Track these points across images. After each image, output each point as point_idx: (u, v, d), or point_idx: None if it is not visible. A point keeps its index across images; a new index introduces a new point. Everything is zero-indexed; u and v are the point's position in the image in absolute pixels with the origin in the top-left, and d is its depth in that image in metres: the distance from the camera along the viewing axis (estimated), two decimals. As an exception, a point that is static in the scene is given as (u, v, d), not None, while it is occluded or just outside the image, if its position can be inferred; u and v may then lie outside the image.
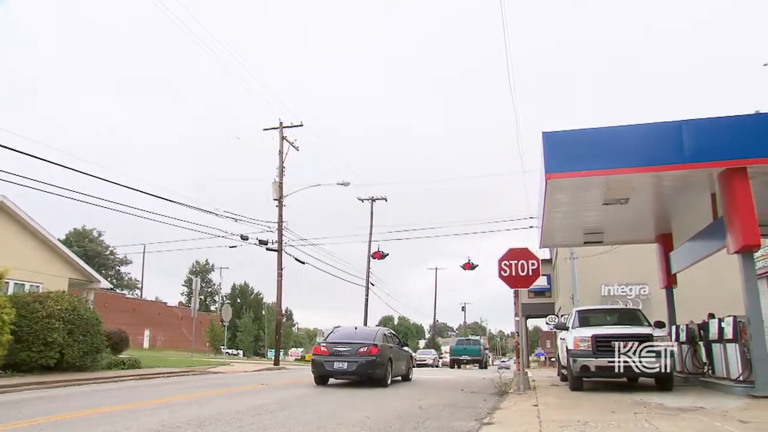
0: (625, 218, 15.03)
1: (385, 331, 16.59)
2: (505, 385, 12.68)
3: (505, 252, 12.71)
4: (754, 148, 10.59)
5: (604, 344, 11.58)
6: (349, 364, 14.53)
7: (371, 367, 14.52)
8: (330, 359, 14.80)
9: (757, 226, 10.50)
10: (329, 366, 14.77)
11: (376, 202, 39.35)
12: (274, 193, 29.34)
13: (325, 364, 14.85)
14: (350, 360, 14.56)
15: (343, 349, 14.84)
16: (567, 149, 11.33)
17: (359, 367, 14.44)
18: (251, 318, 70.96)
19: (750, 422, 7.12)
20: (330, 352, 14.92)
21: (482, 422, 7.94)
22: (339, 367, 14.64)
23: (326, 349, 15.10)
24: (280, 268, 29.14)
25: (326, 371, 14.93)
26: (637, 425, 7.12)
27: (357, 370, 14.52)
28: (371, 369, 14.54)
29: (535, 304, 44.24)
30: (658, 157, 11.00)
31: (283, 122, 29.86)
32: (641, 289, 33.77)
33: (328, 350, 15.02)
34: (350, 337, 15.68)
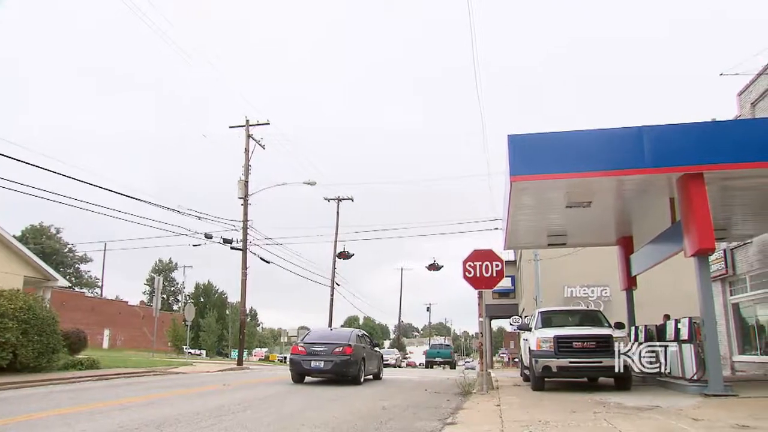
0: (588, 221, 15.31)
1: (358, 333, 17.54)
2: (469, 385, 12.77)
3: (470, 253, 12.81)
4: (710, 155, 10.90)
5: (565, 345, 11.78)
6: (325, 363, 15.34)
7: (346, 366, 15.36)
8: (307, 358, 15.60)
9: (712, 231, 10.82)
10: (306, 365, 15.60)
11: (342, 202, 39.26)
12: (240, 192, 29.00)
13: (302, 363, 15.65)
14: (326, 359, 15.37)
15: (320, 349, 15.65)
16: (532, 152, 11.49)
17: (335, 366, 15.26)
18: (215, 317, 70.07)
19: (701, 420, 7.33)
20: (307, 352, 15.72)
21: (445, 422, 7.99)
22: (316, 366, 15.46)
23: (304, 349, 15.87)
24: (245, 267, 28.82)
25: (304, 369, 15.71)
26: (596, 424, 7.26)
27: (333, 369, 15.32)
28: (346, 368, 15.38)
29: (500, 305, 44.73)
30: (619, 161, 11.24)
31: (249, 120, 29.56)
32: (603, 290, 34.44)
33: (305, 350, 15.80)
34: (326, 337, 16.57)
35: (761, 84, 17.14)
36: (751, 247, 18.36)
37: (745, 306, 19.73)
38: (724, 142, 11.19)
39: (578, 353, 11.74)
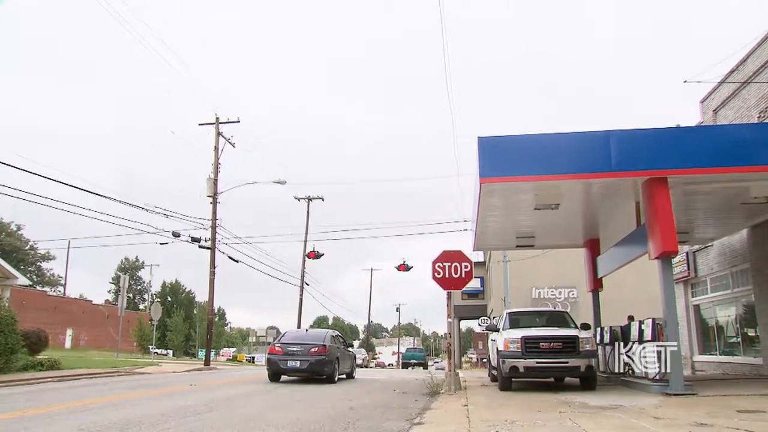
0: (556, 223, 15.52)
1: (332, 333, 18.29)
2: (437, 385, 12.81)
3: (439, 254, 12.87)
4: (673, 160, 11.15)
5: (532, 346, 11.91)
6: (301, 362, 15.98)
7: (321, 365, 16.02)
8: (284, 358, 16.22)
9: (675, 234, 11.07)
10: (283, 364, 16.22)
11: (312, 201, 39.06)
12: (208, 190, 28.63)
13: (279, 362, 16.26)
14: (302, 359, 16.01)
15: (296, 349, 16.28)
16: (501, 154, 11.60)
17: (310, 365, 15.94)
18: (182, 317, 69.07)
19: (662, 418, 7.48)
20: (284, 352, 16.34)
21: (413, 422, 7.99)
22: (292, 365, 16.11)
23: (280, 349, 16.49)
24: (213, 266, 28.47)
25: (280, 369, 16.34)
26: (561, 424, 7.35)
27: (308, 368, 15.98)
28: (321, 367, 16.04)
29: (469, 306, 45.07)
30: (586, 165, 11.42)
31: (219, 118, 29.22)
32: (570, 292, 34.95)
33: (282, 350, 16.43)
34: (302, 338, 17.20)
35: (723, 92, 17.59)
36: (712, 250, 18.84)
37: (706, 307, 20.24)
38: (687, 147, 11.46)
39: (545, 354, 11.88)
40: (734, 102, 17.12)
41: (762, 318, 15.81)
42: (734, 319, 18.56)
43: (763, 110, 15.40)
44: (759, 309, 16.00)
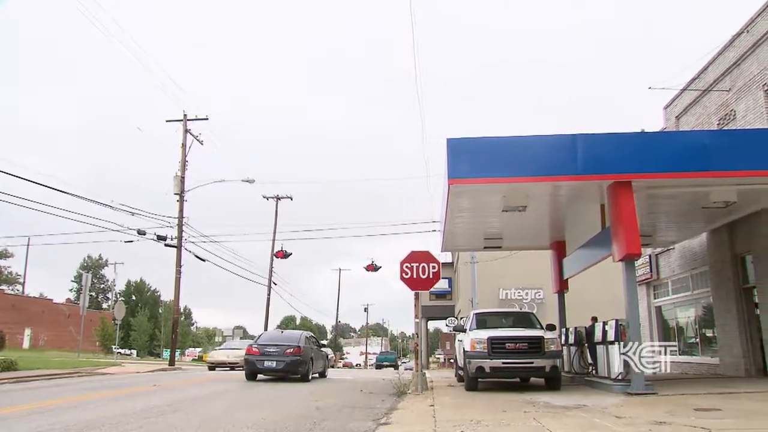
0: (523, 225, 15.68)
1: (307, 335, 19.25)
2: (404, 385, 12.84)
3: (407, 255, 12.89)
4: (638, 164, 11.37)
5: (498, 346, 12.02)
6: (277, 362, 16.79)
7: (296, 365, 16.87)
8: (261, 358, 17.00)
9: (638, 237, 11.27)
10: (260, 364, 17.02)
11: (281, 200, 38.79)
12: (175, 188, 28.21)
13: (256, 362, 17.05)
14: (278, 359, 16.81)
15: (272, 350, 17.11)
16: (470, 156, 11.66)
17: (286, 365, 16.75)
18: (146, 316, 67.96)
19: (624, 417, 7.62)
20: (261, 353, 17.11)
21: (379, 423, 7.99)
22: (269, 365, 16.91)
23: (257, 349, 17.27)
24: (179, 265, 28.06)
25: (257, 369, 17.12)
26: (526, 423, 7.43)
27: (284, 368, 16.78)
28: (296, 367, 16.88)
29: (437, 307, 45.26)
30: (553, 167, 11.56)
31: (187, 115, 28.82)
32: (536, 293, 35.40)
33: (259, 351, 17.19)
34: (278, 339, 18.09)
35: (685, 99, 18.03)
36: (674, 253, 19.28)
37: (667, 309, 20.72)
38: (651, 152, 11.70)
39: (511, 354, 11.99)
40: (695, 109, 17.57)
41: (719, 319, 16.25)
42: (693, 320, 19.03)
43: (723, 117, 15.83)
44: (716, 310, 16.44)
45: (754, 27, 14.54)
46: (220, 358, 27.84)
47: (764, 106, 14.06)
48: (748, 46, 14.69)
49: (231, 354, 27.27)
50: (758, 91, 14.27)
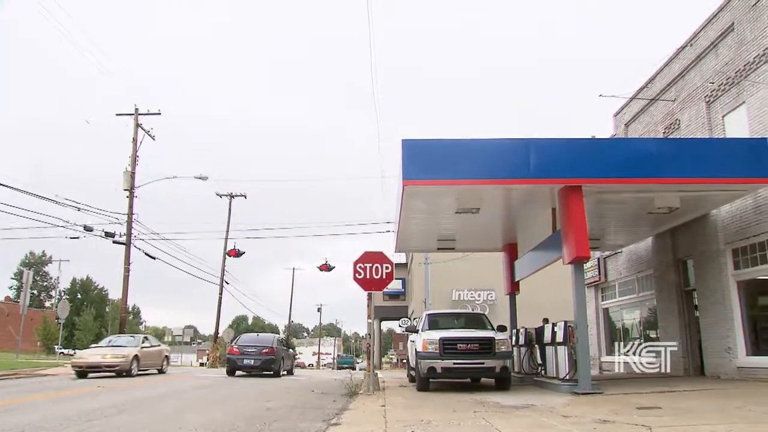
0: (476, 227, 15.87)
1: (278, 337, 23.80)
2: (356, 386, 12.82)
3: (361, 255, 12.87)
4: (587, 169, 11.66)
5: (450, 347, 12.12)
6: (254, 360, 20.27)
7: (270, 362, 20.35)
8: (240, 357, 20.59)
9: (587, 240, 11.56)
10: (240, 362, 20.59)
11: (235, 198, 38.18)
12: (125, 183, 27.42)
13: (237, 360, 20.66)
14: (255, 358, 20.32)
15: (250, 350, 20.67)
16: (424, 158, 11.73)
17: (262, 363, 20.22)
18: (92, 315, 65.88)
19: (570, 416, 7.80)
20: (240, 352, 20.73)
21: (330, 423, 7.96)
22: (247, 363, 20.43)
23: (238, 350, 20.91)
24: (128, 262, 27.29)
25: (238, 366, 20.72)
26: (475, 423, 7.52)
27: (260, 365, 20.22)
28: (270, 364, 20.35)
29: (390, 307, 45.44)
30: (506, 171, 11.74)
31: (138, 109, 28.06)
32: (489, 294, 35.90)
33: (239, 351, 20.81)
34: (255, 341, 21.79)
35: (634, 107, 18.60)
36: (621, 256, 19.85)
37: (614, 310, 21.32)
38: (600, 158, 12.04)
39: (462, 355, 12.10)
40: (643, 117, 18.14)
41: (662, 321, 16.81)
42: (639, 321, 19.63)
43: (668, 126, 16.40)
44: (660, 312, 17.01)
45: (697, 41, 15.11)
46: (92, 360, 18.49)
47: (706, 117, 14.63)
48: (692, 59, 15.27)
49: (110, 354, 18.56)
50: (700, 102, 14.84)
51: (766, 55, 12.58)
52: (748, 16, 13.21)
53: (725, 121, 14.11)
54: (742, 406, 8.26)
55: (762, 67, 12.70)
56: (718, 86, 14.18)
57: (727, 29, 13.93)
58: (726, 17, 13.99)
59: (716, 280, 13.98)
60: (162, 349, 22.21)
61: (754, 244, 12.94)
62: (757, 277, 13.04)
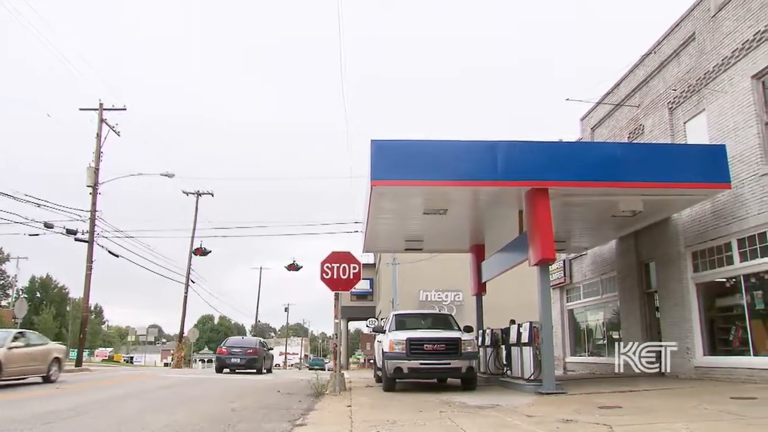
0: (444, 228, 15.95)
1: (260, 340, 28.20)
2: (322, 386, 12.76)
3: (328, 255, 12.82)
4: (554, 172, 11.82)
5: (417, 347, 12.16)
6: (240, 359, 24.40)
7: (254, 361, 24.58)
8: (228, 357, 24.62)
9: (553, 242, 11.72)
10: (228, 361, 24.54)
11: (202, 196, 37.69)
12: (89, 180, 26.83)
13: (225, 359, 24.68)
14: (241, 357, 24.43)
15: (237, 351, 24.88)
16: (393, 158, 11.75)
17: (247, 361, 24.37)
18: (52, 314, 64.23)
19: (534, 416, 7.90)
20: (228, 352, 24.82)
21: (295, 423, 7.91)
22: (234, 362, 24.42)
23: (226, 350, 25.02)
24: (90, 260, 26.71)
25: (225, 364, 24.57)
26: (441, 423, 7.56)
27: (245, 364, 24.35)
28: (253, 363, 24.55)
29: (358, 307, 45.39)
30: (474, 173, 11.82)
31: (103, 104, 27.50)
32: (456, 295, 36.09)
33: (227, 351, 24.90)
34: (240, 343, 26.57)
35: (599, 112, 18.94)
36: (586, 258, 20.20)
37: (579, 312, 21.68)
38: (567, 161, 12.22)
39: (429, 355, 12.15)
40: (609, 122, 18.49)
41: (624, 322, 17.16)
42: (602, 322, 20.01)
43: (632, 131, 16.75)
44: (622, 314, 17.35)
45: (660, 49, 15.48)
46: None
47: (668, 123, 14.99)
48: (655, 66, 15.63)
49: None
50: (663, 108, 15.20)
51: (724, 64, 12.96)
52: (708, 26, 13.58)
53: (687, 127, 14.48)
54: (697, 405, 8.49)
55: (721, 77, 13.07)
56: (680, 93, 14.54)
57: (689, 38, 14.30)
58: (688, 26, 14.36)
59: (676, 283, 14.32)
60: (49, 349, 16.47)
61: (712, 247, 13.31)
62: (715, 280, 13.41)
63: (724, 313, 13.50)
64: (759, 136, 11.98)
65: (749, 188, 12.06)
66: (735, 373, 12.18)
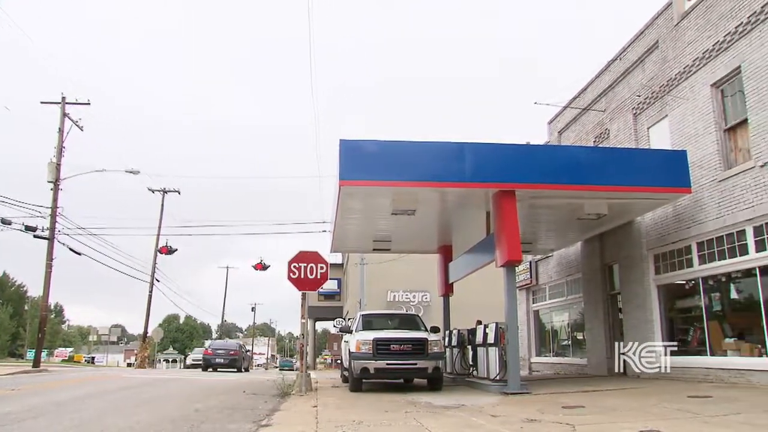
0: (412, 229, 15.99)
1: (240, 343, 34.60)
2: (288, 386, 12.65)
3: (296, 254, 12.73)
4: (521, 174, 11.96)
5: (383, 347, 12.16)
6: (224, 359, 29.50)
7: (236, 361, 29.95)
8: (213, 357, 29.55)
9: (519, 244, 11.85)
10: (213, 360, 29.39)
11: (168, 194, 37.05)
12: (50, 175, 26.11)
13: (210, 359, 29.45)
14: (224, 357, 29.58)
15: (221, 352, 30.03)
16: (362, 158, 11.73)
17: (230, 361, 29.61)
18: (9, 314, 62.33)
19: (499, 416, 7.98)
20: (213, 354, 29.77)
21: (260, 424, 7.82)
22: (218, 361, 29.38)
23: (212, 352, 30.06)
24: (50, 258, 25.99)
25: (211, 363, 29.27)
26: (406, 423, 7.58)
27: (228, 363, 29.51)
28: (235, 362, 29.91)
29: (325, 307, 45.24)
30: (442, 174, 11.88)
31: (66, 98, 26.79)
32: (423, 296, 36.20)
33: (212, 352, 29.94)
34: (223, 346, 31.71)
35: (567, 116, 19.24)
36: (552, 260, 20.48)
37: (544, 313, 21.97)
38: (534, 164, 12.36)
39: (395, 355, 12.16)
40: (575, 126, 18.80)
41: (588, 323, 17.45)
42: (567, 323, 20.31)
43: (598, 135, 17.06)
44: (587, 315, 17.65)
45: (626, 55, 15.80)
46: None
47: (633, 128, 15.31)
48: (621, 72, 15.95)
49: None
50: (628, 113, 15.52)
51: (686, 72, 13.30)
52: (671, 35, 13.92)
53: (650, 132, 14.81)
54: (657, 404, 8.68)
55: (682, 84, 13.41)
56: (644, 99, 14.86)
57: (653, 46, 14.63)
58: (652, 35, 14.69)
59: (639, 284, 14.63)
60: None
61: (673, 250, 13.63)
62: (675, 282, 13.74)
63: (683, 315, 13.85)
64: (717, 143, 12.33)
65: (708, 193, 12.40)
66: (693, 372, 12.51)
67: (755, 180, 11.18)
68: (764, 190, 10.94)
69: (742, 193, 11.51)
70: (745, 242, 11.49)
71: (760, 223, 11.11)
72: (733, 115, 12.23)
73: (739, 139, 12.04)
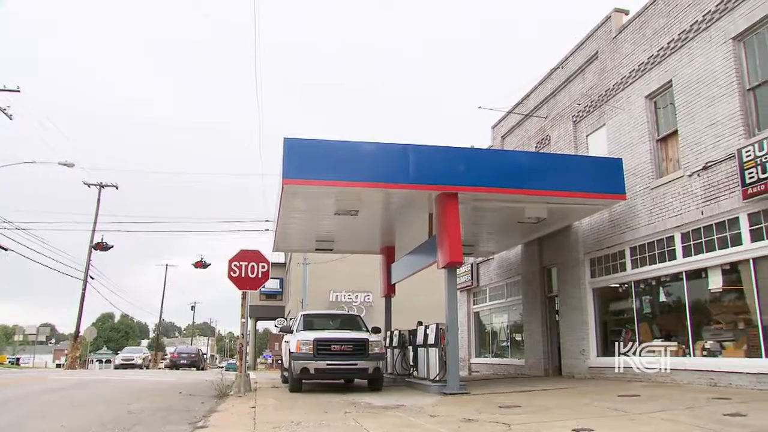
0: (355, 229, 15.97)
1: (199, 348, 47.95)
2: (226, 387, 12.44)
3: (236, 253, 12.51)
4: (463, 177, 12.10)
5: (324, 348, 12.10)
6: (187, 360, 37.85)
7: (197, 361, 38.26)
8: (178, 359, 37.62)
9: (461, 246, 12.00)
10: (178, 361, 37.31)
11: (105, 188, 35.75)
12: (-26, 166, 24.82)
13: (176, 361, 37.33)
14: (187, 359, 37.98)
15: (184, 355, 38.56)
16: (306, 157, 11.62)
17: (192, 362, 37.89)
18: (-72, 312, 58.80)
19: (437, 416, 8.06)
20: (178, 356, 37.88)
21: (196, 426, 7.65)
22: (183, 362, 37.42)
23: (177, 355, 38.28)
24: (-26, 253, 24.72)
25: (176, 364, 36.79)
26: (345, 423, 7.56)
27: (191, 364, 37.62)
28: (197, 363, 37.87)
29: (267, 307, 44.64)
30: (386, 175, 11.90)
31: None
32: (366, 296, 36.24)
33: (177, 355, 38.15)
34: (186, 350, 41.14)
35: (510, 121, 19.64)
36: (493, 262, 20.85)
37: (485, 314, 22.34)
38: (476, 167, 12.54)
39: (336, 356, 12.12)
40: (518, 131, 19.21)
41: (527, 324, 17.86)
42: (506, 325, 20.72)
43: (540, 141, 17.49)
44: (525, 316, 18.05)
45: (567, 64, 16.28)
46: None
47: (572, 135, 15.77)
48: (562, 80, 16.42)
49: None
50: (568, 120, 15.98)
51: (623, 83, 13.81)
52: (610, 46, 14.42)
53: (589, 140, 15.30)
54: (589, 403, 8.96)
55: (620, 94, 13.93)
56: (583, 108, 15.34)
57: (593, 56, 15.12)
58: (592, 45, 15.18)
59: (575, 287, 15.07)
60: None
61: (608, 254, 14.12)
62: (610, 285, 14.22)
63: (616, 317, 14.35)
64: (651, 152, 12.85)
65: (641, 200, 12.91)
66: (624, 372, 12.97)
67: (684, 189, 11.71)
68: (691, 198, 11.47)
69: (671, 201, 12.04)
70: (673, 248, 12.02)
71: (687, 230, 11.64)
72: (665, 126, 12.78)
73: (670, 150, 12.58)
